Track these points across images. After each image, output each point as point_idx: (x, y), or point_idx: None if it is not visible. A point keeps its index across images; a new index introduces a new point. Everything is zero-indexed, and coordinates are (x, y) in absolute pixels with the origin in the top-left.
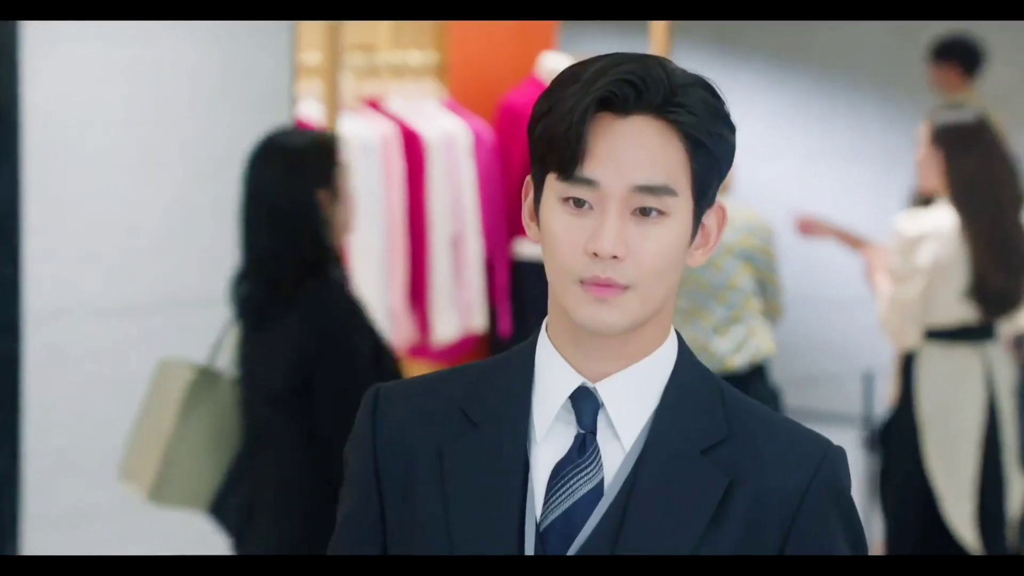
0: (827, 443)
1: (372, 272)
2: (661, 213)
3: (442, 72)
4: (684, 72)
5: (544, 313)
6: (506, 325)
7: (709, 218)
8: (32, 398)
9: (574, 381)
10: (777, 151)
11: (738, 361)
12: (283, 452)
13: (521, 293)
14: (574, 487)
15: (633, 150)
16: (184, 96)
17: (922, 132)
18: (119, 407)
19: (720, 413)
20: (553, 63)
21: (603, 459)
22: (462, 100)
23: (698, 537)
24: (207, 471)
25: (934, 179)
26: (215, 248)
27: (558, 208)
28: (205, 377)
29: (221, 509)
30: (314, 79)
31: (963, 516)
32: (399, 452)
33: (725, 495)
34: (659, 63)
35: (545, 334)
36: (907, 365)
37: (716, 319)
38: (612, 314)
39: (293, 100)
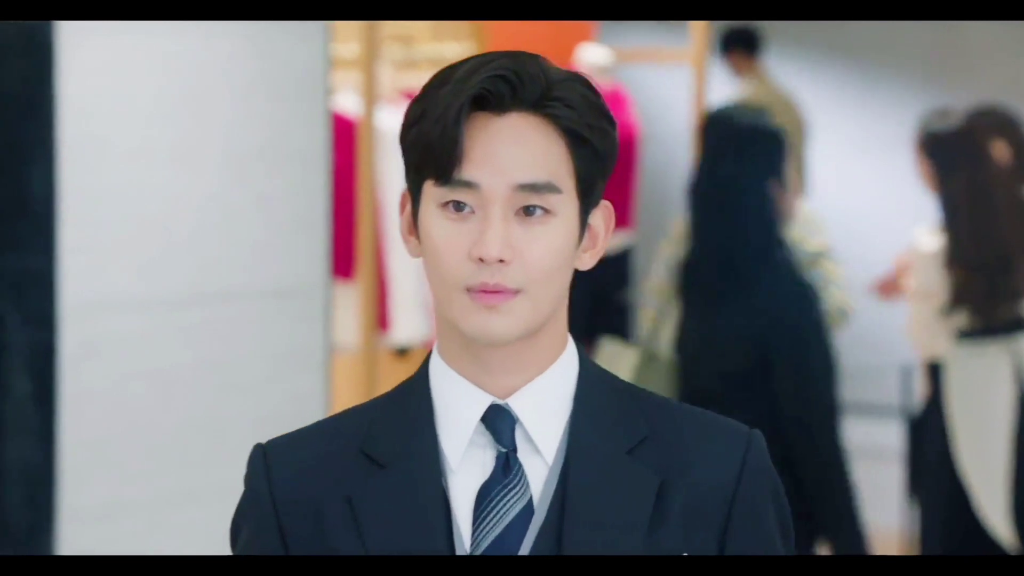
0: (746, 429)
1: (410, 264)
2: (546, 212)
3: None
4: (559, 68)
5: (583, 304)
6: None
7: (595, 218)
8: (67, 391)
9: (483, 400)
10: (817, 142)
11: None
12: None
13: None
14: (504, 510)
15: (512, 148)
16: (218, 88)
17: (916, 138)
18: (154, 401)
19: (636, 412)
20: (591, 55)
21: (528, 476)
22: None
23: (640, 543)
24: None
25: (932, 186)
26: (251, 241)
27: (437, 215)
28: (647, 357)
29: None
30: (352, 71)
31: (997, 511)
32: (303, 507)
33: (659, 495)
34: (533, 59)
35: (438, 356)
36: (934, 366)
37: None
38: (502, 321)
39: (329, 92)
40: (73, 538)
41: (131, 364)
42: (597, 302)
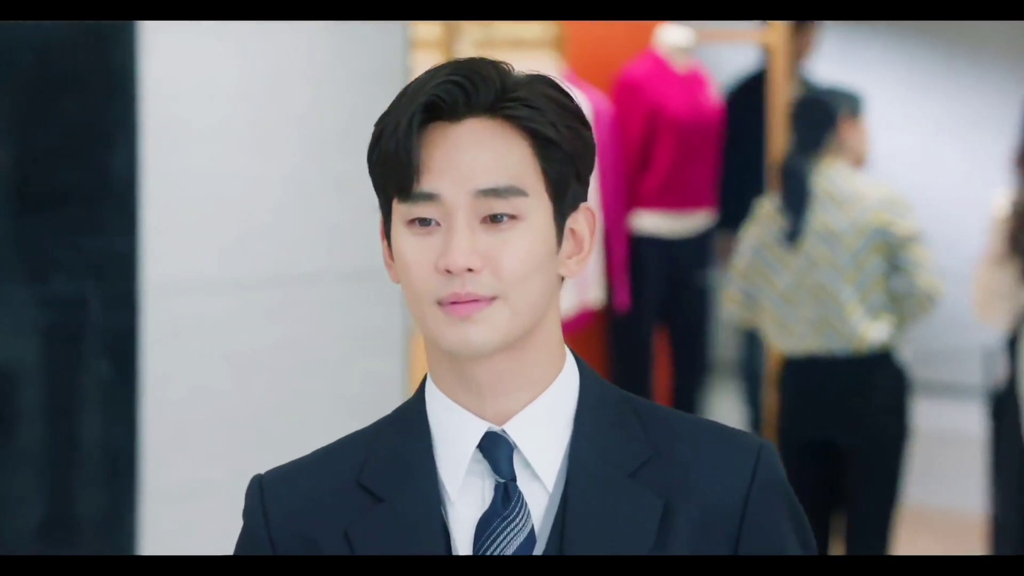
0: (757, 441)
1: None
2: (513, 217)
3: (560, 45)
4: (522, 72)
5: (659, 288)
6: (623, 299)
7: (577, 223)
8: (149, 372)
9: (479, 428)
10: (903, 122)
11: (868, 341)
12: None
13: (639, 267)
14: (505, 542)
15: (470, 154)
16: (298, 70)
17: None
18: (234, 382)
19: (639, 431)
20: (670, 36)
21: (528, 504)
22: (580, 73)
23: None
24: None
25: None
26: (330, 223)
27: (405, 233)
28: None
29: None
30: (431, 51)
31: None
32: (300, 541)
33: (664, 519)
34: (491, 64)
35: (432, 383)
36: (1013, 340)
37: (844, 298)
38: (479, 331)
39: (407, 73)
40: (154, 519)
41: (211, 345)
42: (675, 284)
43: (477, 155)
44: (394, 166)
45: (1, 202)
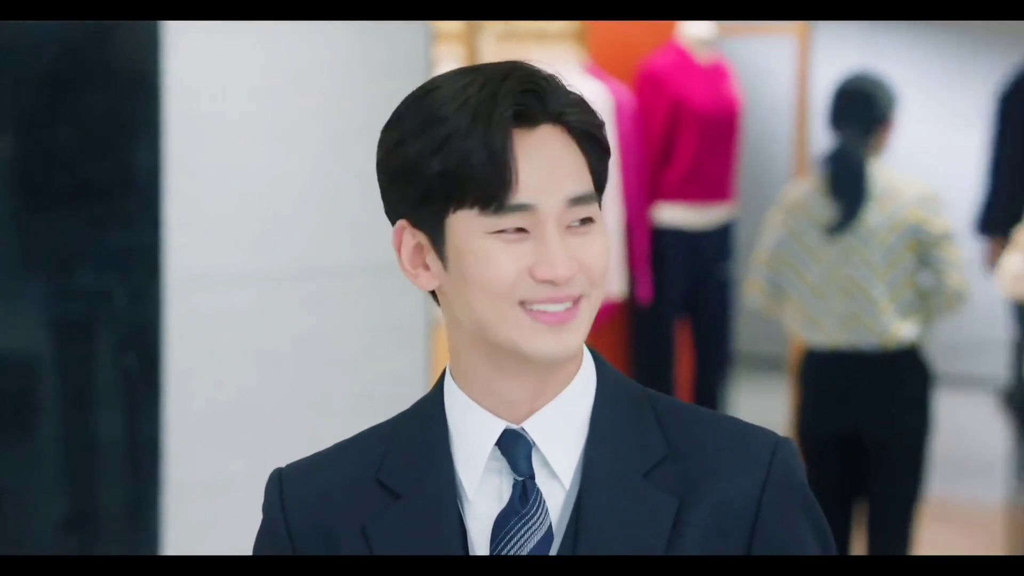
0: (774, 438)
1: None
2: (590, 221)
3: (582, 36)
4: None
5: (681, 280)
6: (645, 292)
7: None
8: (172, 366)
9: (497, 426)
10: (923, 114)
11: (897, 339)
12: None
13: (661, 260)
14: (521, 541)
15: (555, 162)
16: (321, 64)
17: None
18: (258, 376)
19: (655, 429)
20: (693, 28)
21: (546, 502)
22: (602, 64)
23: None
24: None
25: None
26: (353, 217)
27: (487, 240)
28: None
29: None
30: (453, 44)
31: None
32: (318, 535)
33: (678, 518)
34: (540, 68)
35: (451, 380)
36: None
37: (876, 295)
38: (569, 337)
39: (430, 66)
40: (178, 513)
41: (234, 339)
42: (697, 277)
43: (559, 164)
44: (483, 179)
45: (25, 196)
